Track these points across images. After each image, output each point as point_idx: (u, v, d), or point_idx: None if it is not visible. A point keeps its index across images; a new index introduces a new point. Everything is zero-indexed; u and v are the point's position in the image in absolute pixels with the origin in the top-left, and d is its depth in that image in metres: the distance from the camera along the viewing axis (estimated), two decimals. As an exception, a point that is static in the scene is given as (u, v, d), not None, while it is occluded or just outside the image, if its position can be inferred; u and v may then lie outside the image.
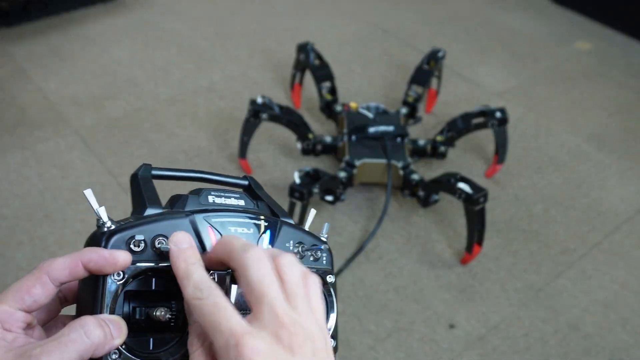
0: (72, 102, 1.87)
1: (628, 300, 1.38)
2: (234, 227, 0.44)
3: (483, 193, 1.32)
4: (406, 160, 1.53)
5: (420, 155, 1.63)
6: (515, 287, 1.39)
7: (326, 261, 0.49)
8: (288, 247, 0.46)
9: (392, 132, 1.58)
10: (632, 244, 1.51)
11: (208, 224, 0.43)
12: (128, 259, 0.40)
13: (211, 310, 0.36)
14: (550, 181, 1.68)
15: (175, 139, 1.75)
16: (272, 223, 0.46)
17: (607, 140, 1.84)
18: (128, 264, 0.40)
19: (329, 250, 0.50)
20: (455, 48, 2.22)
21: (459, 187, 1.33)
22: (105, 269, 0.39)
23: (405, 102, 1.74)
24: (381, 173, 1.55)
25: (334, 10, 2.42)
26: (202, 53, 2.12)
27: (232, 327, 0.35)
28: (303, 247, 0.47)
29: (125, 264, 0.40)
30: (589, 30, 2.37)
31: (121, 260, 0.39)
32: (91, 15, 2.29)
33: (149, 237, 0.41)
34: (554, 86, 2.06)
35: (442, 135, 1.60)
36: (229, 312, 0.36)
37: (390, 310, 1.33)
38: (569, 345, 1.29)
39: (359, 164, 1.52)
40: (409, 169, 1.51)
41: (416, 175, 1.49)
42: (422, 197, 1.47)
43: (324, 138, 1.62)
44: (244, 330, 0.35)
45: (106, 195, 1.56)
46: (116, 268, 0.39)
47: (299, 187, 1.34)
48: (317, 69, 1.74)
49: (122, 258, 0.39)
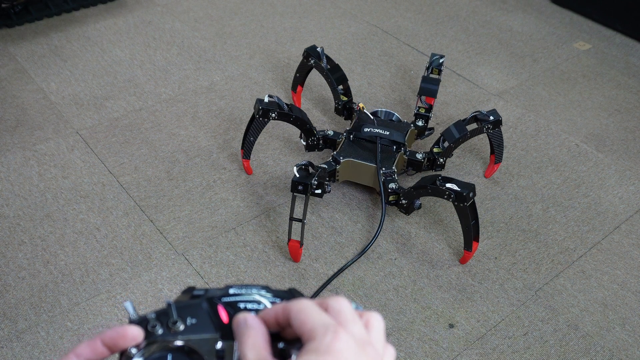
0: (73, 102, 1.87)
1: (627, 300, 1.38)
2: (244, 304, 0.45)
3: (471, 188, 1.32)
4: (391, 168, 1.50)
5: (416, 168, 1.59)
6: (514, 287, 1.40)
7: None
8: None
9: (387, 136, 1.57)
10: (631, 244, 1.52)
11: (219, 303, 0.45)
12: (138, 334, 0.42)
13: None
14: (550, 181, 1.69)
15: (176, 139, 1.75)
16: (287, 297, 0.46)
17: (606, 140, 1.84)
18: (139, 339, 0.42)
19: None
20: (455, 48, 2.22)
21: (446, 187, 1.33)
22: (119, 343, 0.42)
23: (418, 114, 1.69)
24: (363, 174, 1.54)
25: (334, 10, 2.42)
26: (202, 53, 2.13)
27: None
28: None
29: (135, 338, 0.42)
30: (589, 31, 2.38)
31: (131, 334, 0.42)
32: (91, 16, 2.29)
33: (165, 320, 0.44)
34: (554, 86, 2.07)
35: (438, 147, 1.58)
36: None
37: (390, 309, 1.34)
38: (569, 344, 1.29)
39: (343, 161, 1.51)
40: (391, 177, 1.49)
41: (394, 185, 1.46)
42: (404, 204, 1.46)
43: (327, 132, 1.62)
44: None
45: (106, 195, 1.56)
46: (127, 342, 0.42)
47: (300, 179, 1.34)
48: (331, 73, 1.73)
49: (132, 332, 0.42)
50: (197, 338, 0.43)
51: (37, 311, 1.29)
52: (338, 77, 1.74)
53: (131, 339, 0.42)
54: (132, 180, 1.61)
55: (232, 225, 1.50)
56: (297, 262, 1.41)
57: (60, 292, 1.33)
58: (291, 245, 1.38)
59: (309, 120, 1.59)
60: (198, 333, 0.43)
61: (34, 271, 1.37)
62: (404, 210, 1.47)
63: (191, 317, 0.44)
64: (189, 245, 1.45)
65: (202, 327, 0.44)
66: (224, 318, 0.44)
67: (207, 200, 1.57)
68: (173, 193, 1.58)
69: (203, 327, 0.44)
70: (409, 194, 1.43)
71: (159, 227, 1.48)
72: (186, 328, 0.43)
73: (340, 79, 1.74)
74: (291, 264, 1.41)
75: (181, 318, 0.43)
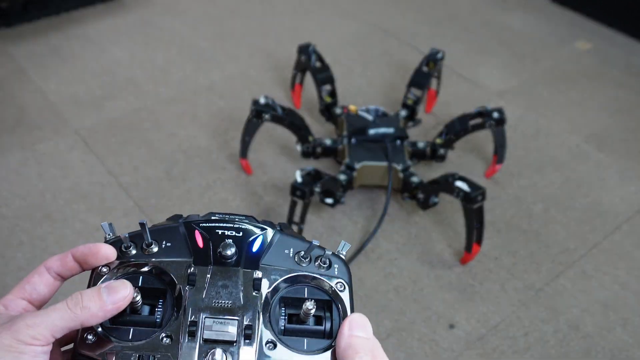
0: (72, 102, 1.87)
1: (628, 300, 1.38)
2: (221, 230, 0.44)
3: (481, 191, 1.32)
4: (406, 163, 1.53)
5: (419, 157, 1.62)
6: (515, 287, 1.39)
7: (339, 271, 0.47)
8: (287, 254, 0.45)
9: (392, 134, 1.58)
10: (632, 244, 1.51)
11: (196, 228, 0.44)
12: (111, 253, 0.42)
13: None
14: (551, 181, 1.68)
15: (175, 139, 1.75)
16: (267, 229, 0.45)
17: (607, 140, 1.84)
18: (111, 257, 0.42)
19: (343, 262, 0.47)
20: (455, 48, 2.22)
21: (456, 185, 1.33)
22: (89, 260, 0.42)
23: (405, 104, 1.74)
24: (381, 176, 1.54)
25: (334, 10, 2.42)
26: (202, 53, 2.12)
27: None
28: (303, 253, 0.45)
29: (106, 256, 0.42)
30: (589, 30, 2.37)
31: (103, 252, 0.42)
32: (91, 15, 2.29)
33: (140, 242, 0.44)
34: (554, 86, 2.06)
35: (441, 138, 1.60)
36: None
37: (390, 310, 1.33)
38: (569, 345, 1.29)
39: (359, 167, 1.52)
40: (409, 171, 1.51)
41: (416, 178, 1.49)
42: (421, 199, 1.47)
43: (323, 141, 1.61)
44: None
45: (106, 196, 1.56)
46: (98, 259, 0.42)
47: (301, 185, 1.34)
48: (318, 72, 1.73)
49: (104, 250, 0.42)
50: (170, 260, 0.43)
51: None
52: (324, 77, 1.73)
53: (103, 257, 0.42)
54: (132, 180, 1.61)
55: (232, 225, 1.50)
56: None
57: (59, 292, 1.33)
58: None
59: (305, 127, 1.58)
60: (172, 256, 0.43)
61: (33, 271, 1.37)
62: (421, 205, 1.48)
63: (167, 241, 0.44)
64: (189, 245, 1.44)
65: (176, 251, 0.44)
66: (199, 243, 0.44)
67: (206, 200, 1.56)
68: (173, 193, 1.58)
69: (178, 251, 0.44)
70: (427, 189, 1.43)
71: (159, 227, 1.48)
72: (160, 250, 0.43)
73: (326, 79, 1.74)
74: (291, 264, 1.41)
75: (156, 241, 0.44)
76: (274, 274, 0.43)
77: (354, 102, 1.89)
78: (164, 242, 0.44)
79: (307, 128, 1.60)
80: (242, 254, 0.43)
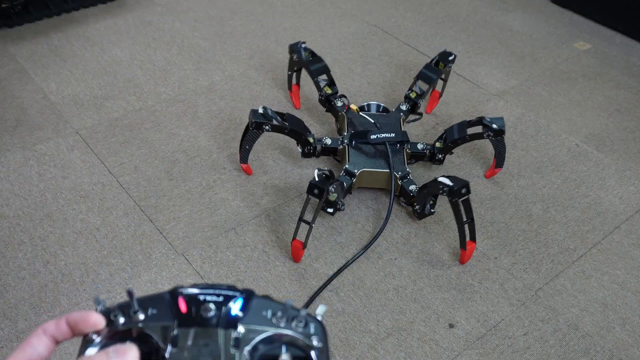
0: (73, 102, 1.87)
1: (627, 300, 1.38)
2: (203, 296, 0.47)
3: (464, 184, 1.31)
4: (405, 170, 1.53)
5: (418, 159, 1.63)
6: (514, 287, 1.40)
7: (315, 330, 0.47)
8: (265, 315, 0.47)
9: (394, 139, 1.58)
10: (631, 244, 1.52)
11: (180, 294, 0.47)
12: (99, 321, 0.45)
13: None
14: (550, 181, 1.69)
15: (175, 139, 1.75)
16: (246, 294, 0.48)
17: (606, 140, 1.84)
18: (99, 325, 0.45)
19: (319, 321, 0.48)
20: (455, 48, 2.22)
21: (440, 181, 1.34)
22: (80, 326, 0.45)
23: (408, 97, 1.73)
24: (379, 180, 1.55)
25: (334, 10, 2.42)
26: (202, 53, 2.13)
27: None
28: (280, 313, 0.47)
29: (95, 324, 0.45)
30: (589, 31, 2.38)
31: (92, 319, 0.45)
32: (91, 15, 2.29)
33: (128, 310, 0.47)
34: (554, 86, 2.07)
35: (440, 142, 1.60)
36: None
37: (390, 309, 1.34)
38: (569, 344, 1.29)
39: (359, 173, 1.52)
40: (408, 179, 1.51)
41: (413, 186, 1.49)
42: (417, 209, 1.47)
43: (324, 140, 1.61)
44: None
45: (106, 195, 1.56)
46: (88, 326, 0.45)
47: (319, 184, 1.33)
48: (311, 64, 1.73)
49: (94, 318, 0.45)
50: (155, 325, 0.46)
51: (37, 311, 1.29)
52: (318, 68, 1.73)
53: (92, 324, 0.45)
54: (132, 180, 1.61)
55: (232, 225, 1.50)
56: (297, 262, 1.41)
57: (60, 292, 1.33)
58: (294, 245, 1.38)
59: (305, 130, 1.58)
60: (157, 322, 0.46)
61: (33, 271, 1.37)
62: (417, 215, 1.49)
63: (152, 308, 0.47)
64: (189, 245, 1.45)
65: (161, 316, 0.46)
66: (182, 308, 0.46)
67: (207, 200, 1.57)
68: (173, 193, 1.58)
69: (162, 316, 0.46)
70: (420, 196, 1.44)
71: (159, 227, 1.48)
72: (146, 317, 0.46)
73: (321, 69, 1.74)
74: (291, 264, 1.41)
75: (143, 309, 0.46)
76: (252, 333, 0.46)
77: (354, 102, 1.89)
78: (150, 309, 0.47)
79: (307, 130, 1.60)
80: (222, 316, 0.46)
